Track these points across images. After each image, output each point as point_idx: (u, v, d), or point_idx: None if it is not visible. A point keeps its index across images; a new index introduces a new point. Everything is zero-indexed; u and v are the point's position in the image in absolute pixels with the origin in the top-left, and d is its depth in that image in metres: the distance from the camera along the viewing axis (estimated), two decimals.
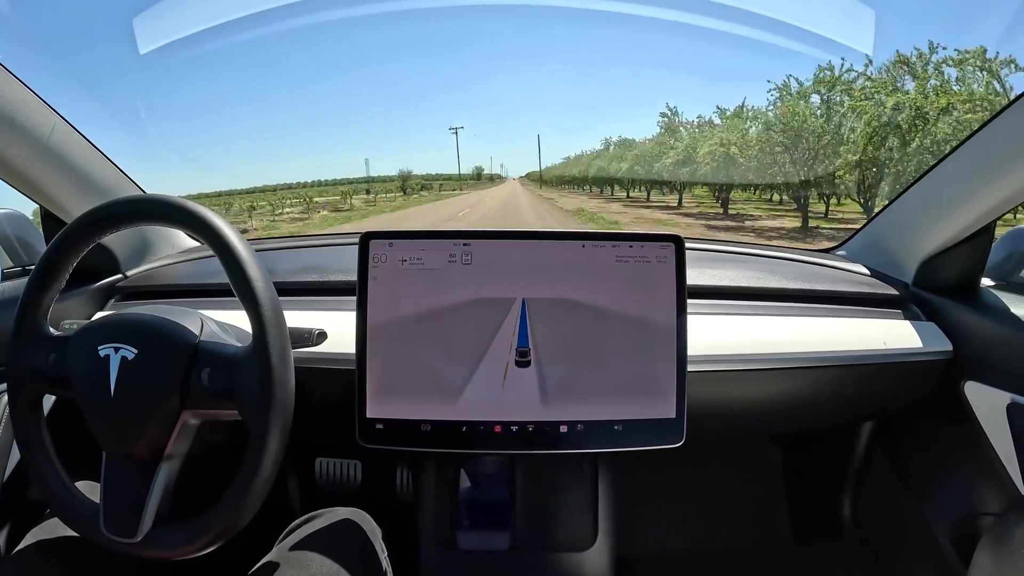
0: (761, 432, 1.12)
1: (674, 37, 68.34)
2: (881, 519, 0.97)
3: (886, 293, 0.83)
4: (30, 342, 0.55)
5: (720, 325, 0.75)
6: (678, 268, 0.63)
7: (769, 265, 0.91)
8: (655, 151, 14.70)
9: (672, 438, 0.63)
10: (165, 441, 0.53)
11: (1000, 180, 0.67)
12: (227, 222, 0.54)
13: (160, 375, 0.52)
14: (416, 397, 0.63)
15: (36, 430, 0.55)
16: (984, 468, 0.73)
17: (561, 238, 0.64)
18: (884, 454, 0.95)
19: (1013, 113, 0.64)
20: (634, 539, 1.07)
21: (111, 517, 0.52)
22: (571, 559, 0.72)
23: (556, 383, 0.63)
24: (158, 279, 0.87)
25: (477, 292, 0.63)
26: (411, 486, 0.99)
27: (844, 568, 0.99)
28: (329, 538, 0.66)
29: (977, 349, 0.73)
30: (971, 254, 0.77)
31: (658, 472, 1.12)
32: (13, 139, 0.67)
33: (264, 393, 0.50)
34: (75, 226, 0.55)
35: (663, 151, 14.03)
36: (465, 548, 0.74)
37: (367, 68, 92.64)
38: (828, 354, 0.73)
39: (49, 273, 0.55)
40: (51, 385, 0.55)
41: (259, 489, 0.51)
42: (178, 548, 0.52)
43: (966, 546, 0.70)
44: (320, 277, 0.81)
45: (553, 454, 0.68)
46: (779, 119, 9.99)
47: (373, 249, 0.63)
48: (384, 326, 0.62)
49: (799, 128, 9.50)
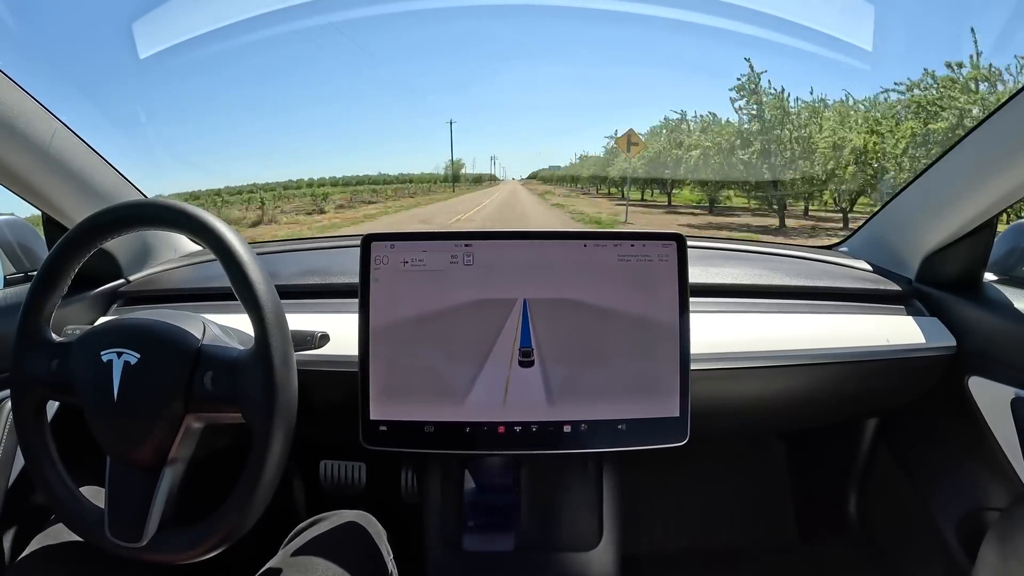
0: (765, 430, 1.12)
1: (674, 35, 68.26)
2: (886, 515, 0.97)
3: (889, 289, 0.83)
4: (33, 348, 0.55)
5: (723, 323, 0.76)
6: (680, 266, 0.63)
7: (771, 262, 0.91)
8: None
9: (676, 437, 0.63)
10: (169, 445, 0.53)
11: (1001, 175, 0.67)
12: (228, 226, 0.54)
13: (163, 379, 0.52)
14: (419, 398, 0.63)
15: (40, 436, 0.56)
16: (989, 463, 0.73)
17: (562, 238, 0.64)
18: (889, 450, 0.95)
19: (1013, 108, 0.64)
20: (639, 538, 1.07)
21: (116, 522, 0.53)
22: (576, 559, 0.72)
23: (559, 383, 0.63)
24: (160, 283, 0.87)
25: (479, 293, 0.63)
26: (416, 488, 0.99)
27: (850, 565, 0.99)
28: (334, 541, 0.66)
29: (981, 344, 0.73)
30: (973, 249, 0.77)
31: (662, 471, 1.12)
32: (14, 145, 0.67)
33: (267, 396, 0.51)
34: (77, 231, 0.55)
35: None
36: (470, 549, 0.74)
37: (367, 70, 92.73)
38: (831, 351, 0.73)
39: (51, 279, 0.55)
40: (54, 391, 0.55)
41: (263, 492, 0.51)
42: (183, 552, 0.52)
43: (972, 541, 0.71)
44: (322, 280, 0.81)
45: (557, 454, 0.68)
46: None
47: (375, 251, 0.63)
48: (386, 328, 0.62)
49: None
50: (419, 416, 0.63)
